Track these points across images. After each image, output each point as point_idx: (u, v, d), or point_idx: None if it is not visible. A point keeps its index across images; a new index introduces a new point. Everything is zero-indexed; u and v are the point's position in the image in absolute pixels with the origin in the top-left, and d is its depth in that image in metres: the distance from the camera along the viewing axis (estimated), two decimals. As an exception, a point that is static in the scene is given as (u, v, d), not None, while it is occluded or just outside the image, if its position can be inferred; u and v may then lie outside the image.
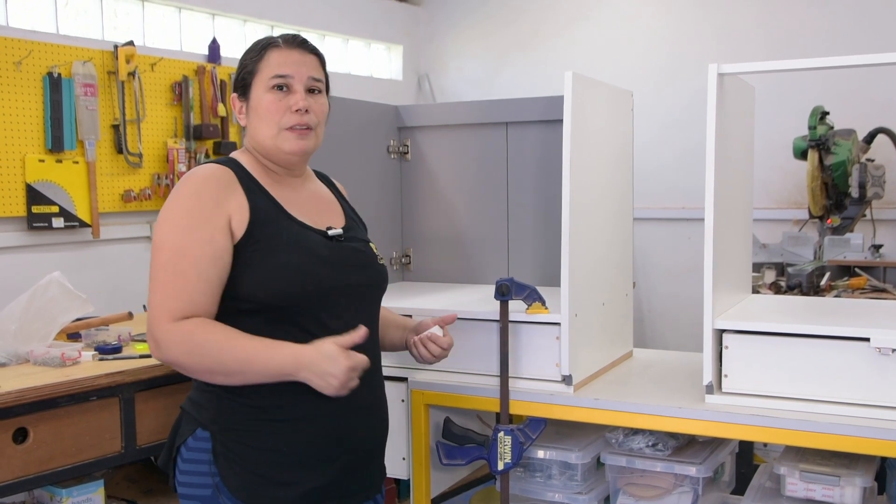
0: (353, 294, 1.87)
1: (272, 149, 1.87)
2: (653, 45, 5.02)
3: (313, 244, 1.83)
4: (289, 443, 1.78)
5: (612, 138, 2.52)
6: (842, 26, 4.49)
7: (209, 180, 1.78)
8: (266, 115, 1.85)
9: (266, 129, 1.86)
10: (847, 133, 3.82)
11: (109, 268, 3.74)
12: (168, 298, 1.71)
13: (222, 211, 1.75)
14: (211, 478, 1.78)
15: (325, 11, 5.01)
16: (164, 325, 1.69)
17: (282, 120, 1.84)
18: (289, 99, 1.84)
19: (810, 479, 2.11)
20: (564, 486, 2.40)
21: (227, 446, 1.77)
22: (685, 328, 4.72)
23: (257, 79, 1.86)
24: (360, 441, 1.87)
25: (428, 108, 3.58)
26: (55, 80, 3.48)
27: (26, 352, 2.44)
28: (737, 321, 2.15)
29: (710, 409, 2.10)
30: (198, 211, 1.74)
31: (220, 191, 1.77)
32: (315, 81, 1.88)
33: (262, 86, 1.85)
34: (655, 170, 4.72)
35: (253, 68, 1.87)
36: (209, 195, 1.76)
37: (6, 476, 2.15)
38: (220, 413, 1.78)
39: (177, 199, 1.77)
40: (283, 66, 1.84)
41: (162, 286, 1.72)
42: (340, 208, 2.01)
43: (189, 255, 1.71)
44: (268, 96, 1.84)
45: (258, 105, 1.86)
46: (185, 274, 1.71)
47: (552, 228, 2.73)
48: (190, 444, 1.80)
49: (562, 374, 2.26)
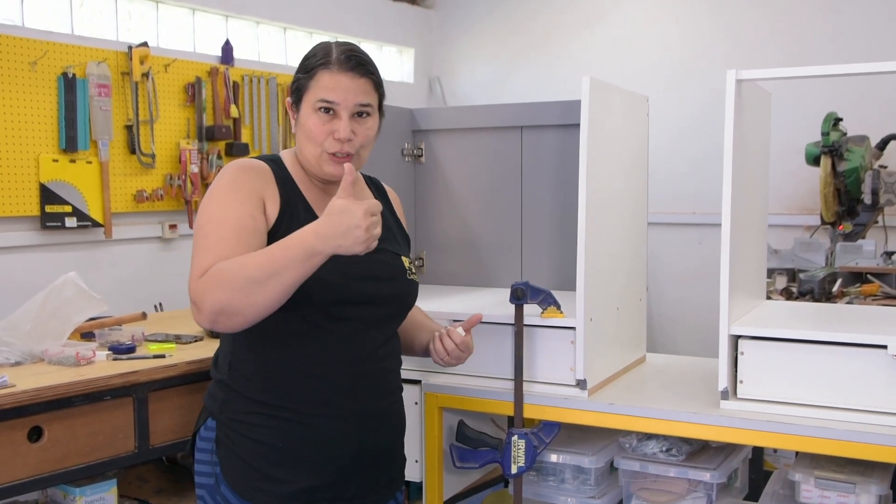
0: (366, 303, 1.86)
1: (314, 166, 1.88)
2: (664, 50, 5.01)
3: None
4: (286, 440, 1.79)
5: (627, 143, 2.51)
6: (854, 32, 4.48)
7: (248, 169, 1.82)
8: (310, 135, 1.84)
9: (310, 149, 1.86)
10: (860, 139, 3.81)
11: (122, 268, 3.75)
12: (209, 259, 1.67)
13: (258, 195, 1.78)
14: (212, 467, 1.83)
15: (337, 14, 5.02)
16: (195, 282, 1.66)
17: (324, 143, 1.84)
18: (333, 124, 1.83)
19: (825, 486, 2.11)
20: (577, 491, 2.39)
21: (228, 436, 1.81)
22: (695, 333, 4.71)
23: (306, 96, 1.85)
24: (361, 446, 1.85)
25: (443, 111, 3.59)
26: (70, 81, 3.49)
27: (41, 351, 2.45)
28: (753, 327, 2.14)
29: (726, 415, 2.09)
30: (238, 190, 1.76)
31: (257, 180, 1.80)
32: (363, 107, 1.85)
33: (309, 105, 1.84)
34: (666, 175, 4.72)
35: (304, 84, 1.85)
36: (248, 178, 1.79)
37: (21, 474, 2.15)
38: (227, 402, 1.82)
39: (216, 184, 1.80)
40: (329, 92, 1.81)
41: (204, 250, 1.69)
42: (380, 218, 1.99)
43: (230, 224, 1.71)
44: (314, 117, 1.83)
45: (304, 123, 1.85)
46: (225, 240, 1.69)
47: (566, 232, 2.73)
48: (202, 433, 1.87)
49: (576, 379, 2.25)
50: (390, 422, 1.95)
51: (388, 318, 1.94)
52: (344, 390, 1.83)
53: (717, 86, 2.14)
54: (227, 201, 1.75)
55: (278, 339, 1.80)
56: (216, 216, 1.73)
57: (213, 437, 1.84)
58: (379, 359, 1.91)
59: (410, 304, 2.00)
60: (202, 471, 1.86)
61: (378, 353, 1.90)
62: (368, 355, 1.87)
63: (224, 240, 1.69)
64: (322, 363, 1.81)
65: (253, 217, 1.75)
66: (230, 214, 1.73)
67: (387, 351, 1.93)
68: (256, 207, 1.77)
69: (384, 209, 2.02)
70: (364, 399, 1.85)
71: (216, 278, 1.64)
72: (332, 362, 1.82)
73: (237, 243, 1.69)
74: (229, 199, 1.75)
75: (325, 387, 1.81)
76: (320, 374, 1.81)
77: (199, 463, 1.87)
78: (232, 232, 1.71)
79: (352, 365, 1.84)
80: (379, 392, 1.91)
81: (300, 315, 1.77)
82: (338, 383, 1.82)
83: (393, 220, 2.06)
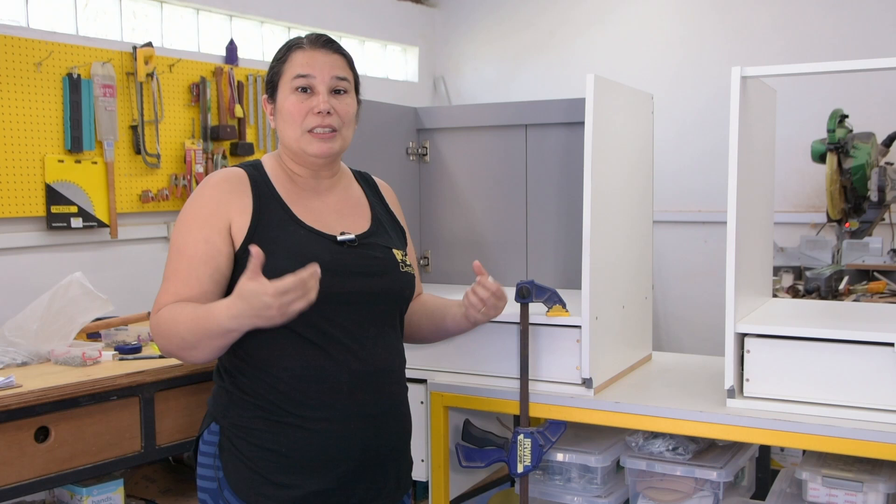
0: (358, 301, 1.82)
1: (297, 151, 1.87)
2: (668, 48, 5.00)
3: (316, 251, 1.79)
4: (290, 445, 1.77)
5: (632, 141, 2.51)
6: (858, 29, 4.47)
7: (219, 184, 1.84)
8: (289, 117, 1.85)
9: (290, 131, 1.86)
10: (866, 136, 3.80)
11: (127, 268, 3.76)
12: (163, 296, 1.78)
13: (223, 214, 1.80)
14: (215, 471, 1.82)
15: (341, 13, 5.02)
16: (151, 317, 1.79)
17: (304, 122, 1.84)
18: (311, 101, 1.84)
19: (833, 484, 2.10)
20: (584, 490, 2.39)
21: (231, 441, 1.80)
22: (701, 331, 4.71)
23: (282, 80, 1.87)
24: (365, 449, 1.82)
25: (447, 109, 3.58)
26: (74, 81, 3.49)
27: (47, 351, 2.46)
28: (759, 325, 2.14)
29: (732, 413, 2.08)
30: (200, 212, 1.80)
31: (225, 194, 1.81)
32: (340, 81, 1.87)
33: (286, 87, 1.86)
34: (671, 172, 4.71)
35: (279, 70, 1.88)
36: (213, 198, 1.81)
37: (28, 475, 2.16)
38: (230, 408, 1.81)
39: (186, 206, 1.85)
40: (304, 66, 1.84)
41: (164, 281, 1.80)
42: (369, 211, 1.97)
43: (185, 254, 1.78)
44: (291, 98, 1.85)
45: (282, 107, 1.86)
46: (178, 271, 1.78)
47: (571, 231, 2.73)
48: (205, 437, 1.86)
49: (582, 377, 2.25)
50: (394, 423, 1.90)
51: (383, 315, 1.88)
52: (344, 392, 1.79)
53: (722, 83, 2.13)
54: (187, 228, 1.81)
55: (275, 345, 1.77)
56: (176, 244, 1.81)
57: (216, 442, 1.82)
58: (378, 358, 1.85)
59: (407, 297, 1.94)
60: (205, 474, 1.85)
61: (377, 351, 1.84)
62: (366, 355, 1.82)
63: (177, 272, 1.78)
64: (320, 366, 1.77)
65: (207, 241, 1.77)
66: (187, 243, 1.79)
67: (386, 349, 1.87)
68: (214, 229, 1.78)
69: (375, 203, 2.02)
70: (365, 400, 1.81)
71: (160, 329, 1.75)
72: (330, 364, 1.78)
73: (187, 275, 1.77)
74: (189, 225, 1.81)
75: (325, 390, 1.78)
76: (319, 377, 1.77)
77: (202, 467, 1.86)
78: (184, 263, 1.78)
79: (349, 366, 1.79)
80: (381, 393, 1.85)
81: (296, 320, 1.70)
82: (337, 385, 1.78)
83: (385, 214, 2.02)
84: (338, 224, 1.88)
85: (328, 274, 1.71)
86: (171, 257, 1.81)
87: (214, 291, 1.77)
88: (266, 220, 1.80)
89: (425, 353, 2.44)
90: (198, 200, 1.82)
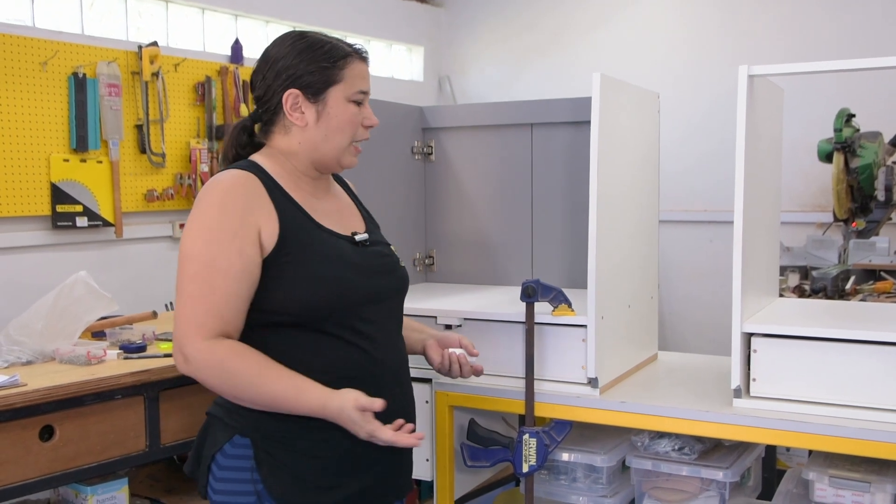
0: (381, 300, 1.86)
1: (330, 160, 1.85)
2: (674, 48, 4.99)
3: (344, 253, 1.81)
4: (330, 449, 1.77)
5: (638, 140, 2.50)
6: (864, 28, 4.46)
7: (236, 189, 1.74)
8: (345, 128, 1.83)
9: (339, 140, 1.84)
10: (873, 136, 3.79)
11: (132, 267, 3.76)
12: (198, 314, 1.67)
13: (251, 222, 1.71)
14: (252, 485, 1.75)
15: (347, 12, 5.02)
16: (196, 342, 1.66)
17: (356, 134, 1.86)
18: (362, 113, 1.86)
19: (840, 485, 2.09)
20: (589, 490, 2.38)
21: (270, 453, 1.75)
22: (706, 331, 4.69)
23: (339, 86, 1.82)
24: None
25: (453, 109, 3.58)
26: (80, 81, 3.50)
27: (52, 350, 2.46)
28: (766, 325, 2.13)
29: (739, 413, 2.08)
30: (227, 222, 1.70)
31: (248, 201, 1.73)
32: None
33: (343, 95, 1.82)
34: (677, 172, 4.69)
35: (334, 74, 1.81)
36: (237, 206, 1.71)
37: (33, 473, 2.16)
38: (263, 421, 1.75)
39: (204, 209, 1.72)
40: (365, 82, 1.86)
41: (191, 299, 1.68)
42: (358, 210, 1.99)
43: (219, 269, 1.67)
44: (350, 108, 1.83)
45: (338, 114, 1.82)
46: (215, 288, 1.67)
47: (577, 230, 2.72)
48: (227, 451, 1.76)
49: (587, 377, 2.24)
50: (414, 416, 1.95)
51: (397, 311, 1.94)
52: (379, 389, 1.80)
53: (727, 82, 2.12)
54: (214, 237, 1.69)
55: (313, 349, 1.77)
56: (204, 255, 1.68)
57: (248, 455, 1.76)
58: (399, 353, 1.92)
59: (406, 293, 1.98)
60: (235, 489, 1.77)
61: (398, 346, 1.92)
62: (391, 351, 1.88)
63: (213, 288, 1.67)
64: (357, 365, 1.79)
65: (241, 254, 1.69)
66: (218, 254, 1.68)
67: (401, 344, 1.94)
68: (247, 240, 1.70)
69: (357, 202, 2.02)
70: (395, 395, 1.85)
71: (221, 370, 1.67)
72: (366, 363, 1.81)
73: (226, 293, 1.68)
74: (217, 234, 1.69)
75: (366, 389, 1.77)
76: (357, 376, 1.78)
77: (227, 482, 1.77)
78: (221, 278, 1.67)
79: (381, 363, 1.83)
80: (403, 386, 1.91)
81: (332, 321, 1.75)
82: (373, 383, 1.80)
83: (366, 211, 2.03)
84: (343, 225, 1.88)
85: (359, 275, 1.78)
86: (197, 271, 1.68)
87: (248, 306, 1.73)
88: (292, 225, 1.76)
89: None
90: (219, 209, 1.71)
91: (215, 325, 1.67)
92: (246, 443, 1.76)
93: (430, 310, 2.43)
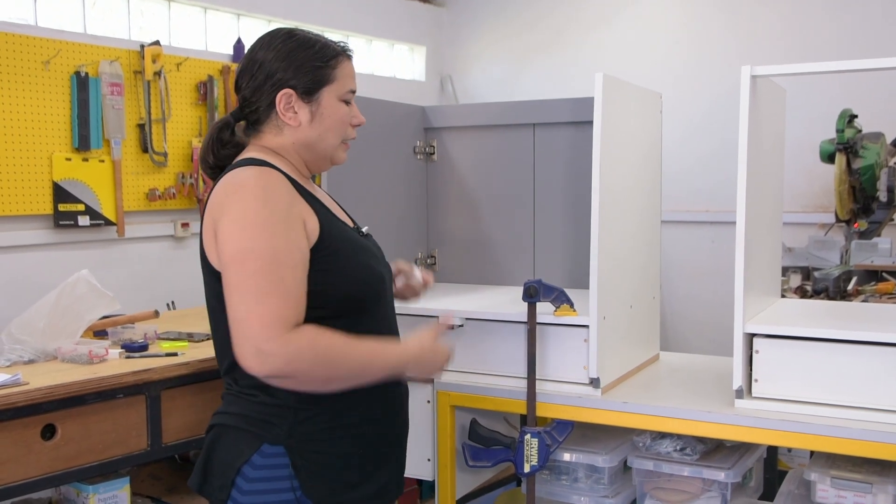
0: (389, 288, 1.92)
1: (324, 158, 1.87)
2: (675, 48, 4.99)
3: (364, 244, 1.86)
4: (363, 444, 1.79)
5: (640, 140, 2.50)
6: (866, 28, 4.45)
7: (273, 182, 1.71)
8: (338, 127, 1.84)
9: (332, 138, 1.85)
10: (875, 136, 3.78)
11: (134, 266, 3.76)
12: (272, 308, 1.60)
13: (296, 214, 1.70)
14: (293, 493, 1.71)
15: (348, 12, 5.02)
16: (278, 336, 1.59)
17: (346, 132, 1.88)
18: (351, 112, 1.87)
19: (841, 485, 2.09)
20: (591, 490, 2.38)
21: (306, 458, 1.72)
22: (707, 331, 4.69)
23: (332, 86, 1.82)
24: (405, 436, 1.92)
25: (455, 108, 3.58)
26: (82, 80, 3.50)
27: (54, 349, 2.45)
28: (768, 325, 2.13)
29: (740, 414, 2.08)
30: (276, 215, 1.67)
31: (288, 193, 1.72)
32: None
33: (335, 94, 1.83)
34: (678, 172, 4.68)
35: (328, 74, 1.81)
36: (281, 198, 1.69)
37: (34, 472, 2.16)
38: (297, 426, 1.72)
39: (247, 205, 1.67)
40: (354, 81, 1.88)
41: (261, 296, 1.61)
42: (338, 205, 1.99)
43: (283, 261, 1.64)
44: (342, 108, 1.85)
45: (331, 113, 1.83)
46: (283, 280, 1.62)
47: (579, 230, 2.72)
48: (256, 461, 1.71)
49: (589, 377, 2.24)
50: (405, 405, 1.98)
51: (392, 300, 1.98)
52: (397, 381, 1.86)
53: (729, 82, 2.12)
54: (270, 231, 1.65)
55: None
56: (266, 250, 1.63)
57: (284, 464, 1.72)
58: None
59: None
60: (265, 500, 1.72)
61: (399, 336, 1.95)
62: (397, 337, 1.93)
63: (283, 281, 1.63)
64: None
65: (299, 247, 1.68)
66: (281, 250, 1.65)
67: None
68: (299, 233, 1.69)
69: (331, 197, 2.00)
70: (405, 387, 1.91)
71: (314, 352, 1.62)
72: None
73: (295, 284, 1.65)
74: (275, 230, 1.65)
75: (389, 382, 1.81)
76: None
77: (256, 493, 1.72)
78: (288, 271, 1.64)
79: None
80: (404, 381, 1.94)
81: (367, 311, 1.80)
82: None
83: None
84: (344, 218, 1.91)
85: (379, 265, 1.86)
86: (261, 266, 1.62)
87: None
88: (324, 218, 1.77)
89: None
90: (265, 202, 1.67)
91: (291, 317, 1.62)
92: (278, 451, 1.71)
93: (432, 310, 2.43)
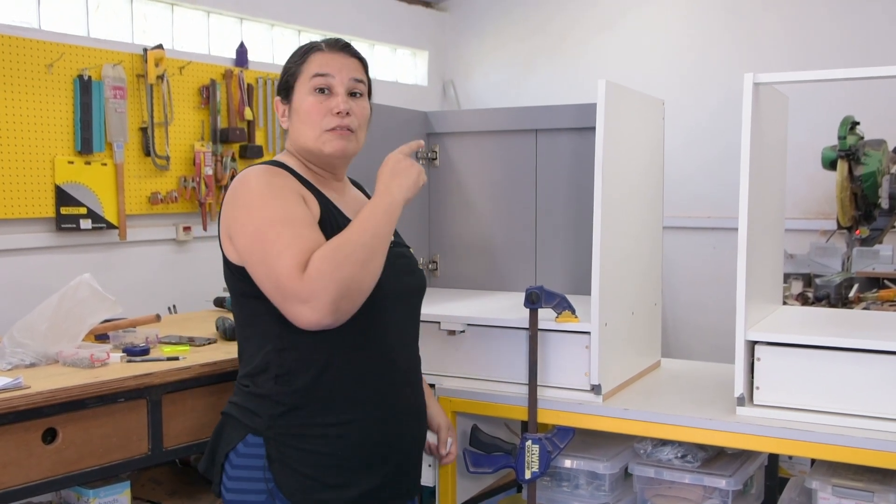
0: (403, 300, 1.89)
1: (314, 151, 1.87)
2: (678, 54, 4.99)
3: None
4: (343, 447, 1.78)
5: (643, 146, 2.50)
6: (868, 36, 4.45)
7: (273, 172, 1.79)
8: (307, 118, 1.85)
9: (308, 132, 1.85)
10: (877, 143, 3.78)
11: (136, 269, 3.76)
12: (295, 255, 1.62)
13: (299, 193, 1.77)
14: (265, 483, 1.76)
15: (351, 16, 5.03)
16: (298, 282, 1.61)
17: (323, 122, 1.84)
18: (330, 101, 1.84)
19: (843, 494, 2.08)
20: (592, 497, 2.38)
21: (282, 451, 1.76)
22: (709, 338, 4.68)
23: (300, 81, 1.86)
24: (407, 444, 1.89)
25: (457, 114, 3.58)
26: (85, 83, 3.50)
27: (55, 352, 2.45)
28: (770, 333, 2.12)
29: (742, 422, 2.07)
30: (280, 191, 1.74)
31: (289, 181, 1.79)
32: (357, 83, 1.88)
33: (304, 88, 1.86)
34: (680, 178, 4.69)
35: (296, 71, 1.88)
36: (283, 183, 1.77)
37: (35, 476, 2.15)
38: (276, 419, 1.77)
39: (252, 192, 1.74)
40: (323, 66, 1.85)
41: (283, 250, 1.63)
42: None
43: (294, 218, 1.69)
44: (309, 98, 1.85)
45: (300, 107, 1.86)
46: (303, 236, 1.66)
47: (581, 236, 2.72)
48: (240, 450, 1.79)
49: (591, 384, 2.24)
50: (423, 418, 1.98)
51: (416, 311, 1.97)
52: (395, 389, 1.84)
53: (732, 89, 2.13)
54: (279, 203, 1.71)
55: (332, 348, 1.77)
56: (276, 217, 1.68)
57: (260, 454, 1.77)
58: (415, 353, 1.96)
59: (423, 295, 2.01)
60: (248, 488, 1.78)
61: (414, 347, 1.95)
62: (408, 351, 1.92)
63: (302, 236, 1.66)
64: (377, 364, 1.82)
65: (309, 213, 1.74)
66: (291, 212, 1.70)
67: (415, 347, 1.97)
68: (304, 206, 1.75)
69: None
70: (409, 395, 1.89)
71: (334, 260, 1.61)
72: (385, 362, 1.83)
73: (311, 230, 1.69)
74: (279, 201, 1.71)
75: (381, 387, 1.82)
76: (375, 374, 1.81)
77: (240, 480, 1.79)
78: (304, 227, 1.69)
79: (399, 362, 1.87)
80: (416, 386, 1.94)
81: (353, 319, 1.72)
82: (390, 382, 1.84)
83: None
84: None
85: (385, 272, 1.76)
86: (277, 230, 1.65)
87: None
88: (326, 209, 1.81)
89: (433, 357, 2.44)
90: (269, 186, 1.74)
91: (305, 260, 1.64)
92: (258, 441, 1.77)
93: (434, 315, 2.43)
